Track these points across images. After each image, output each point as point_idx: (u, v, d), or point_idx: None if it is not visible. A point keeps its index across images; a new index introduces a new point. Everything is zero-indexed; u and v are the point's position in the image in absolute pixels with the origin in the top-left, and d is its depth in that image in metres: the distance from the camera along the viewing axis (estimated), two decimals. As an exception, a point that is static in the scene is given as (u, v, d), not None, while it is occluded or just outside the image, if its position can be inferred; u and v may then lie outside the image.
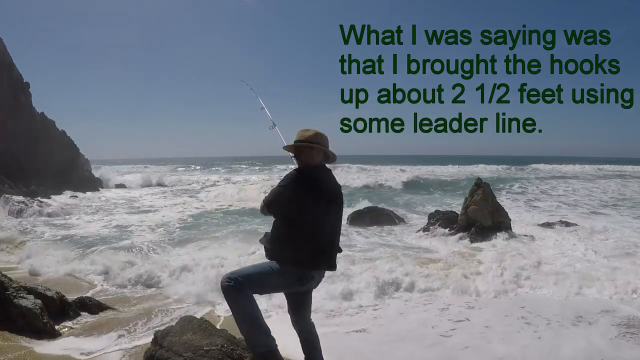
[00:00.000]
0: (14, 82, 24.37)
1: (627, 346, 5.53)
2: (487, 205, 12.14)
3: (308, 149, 2.89)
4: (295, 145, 2.93)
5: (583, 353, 5.36)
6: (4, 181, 19.42)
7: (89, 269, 8.53)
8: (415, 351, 5.50)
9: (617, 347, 5.50)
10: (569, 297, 7.27)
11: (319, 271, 2.92)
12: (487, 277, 8.08)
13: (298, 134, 2.97)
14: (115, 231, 13.09)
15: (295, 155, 2.96)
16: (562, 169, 47.44)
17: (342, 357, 3.21)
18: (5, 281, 5.42)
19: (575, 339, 5.78)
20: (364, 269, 8.19)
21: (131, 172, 45.16)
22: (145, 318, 6.12)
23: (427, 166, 51.35)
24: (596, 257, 9.44)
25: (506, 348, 5.55)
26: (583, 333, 5.95)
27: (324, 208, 2.83)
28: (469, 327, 6.25)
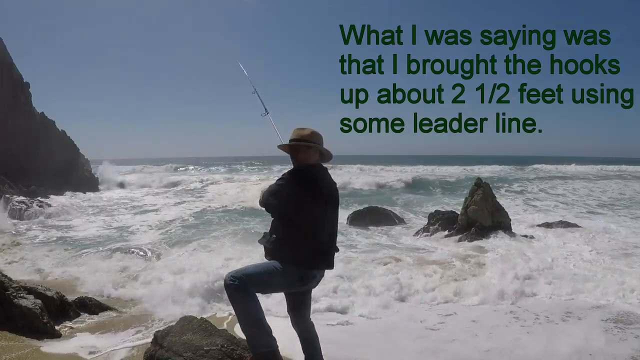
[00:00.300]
0: (14, 82, 24.36)
1: (614, 340, 5.61)
2: (487, 205, 12.15)
3: (305, 148, 2.86)
4: (292, 144, 2.91)
5: (572, 348, 5.42)
6: (4, 181, 19.41)
7: (88, 270, 8.52)
8: (400, 342, 5.60)
9: (607, 342, 5.58)
10: (562, 296, 7.32)
11: (319, 270, 2.92)
12: (487, 278, 8.09)
13: (294, 132, 2.94)
14: (115, 232, 13.09)
15: (291, 154, 2.93)
16: (562, 169, 47.43)
17: (326, 349, 3.22)
18: (5, 281, 5.42)
19: (564, 333, 5.88)
20: (361, 272, 8.18)
21: (131, 172, 45.18)
22: (145, 318, 6.13)
23: (427, 166, 51.36)
24: (594, 258, 9.45)
25: (493, 341, 5.64)
26: (572, 328, 6.05)
27: (322, 208, 2.83)
28: (457, 321, 6.37)
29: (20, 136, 23.24)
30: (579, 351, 5.32)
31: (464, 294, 7.40)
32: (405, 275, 8.01)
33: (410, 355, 5.32)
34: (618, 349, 5.38)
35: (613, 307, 6.79)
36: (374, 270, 8.30)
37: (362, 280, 7.70)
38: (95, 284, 7.71)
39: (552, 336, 5.82)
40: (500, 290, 7.40)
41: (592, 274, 8.25)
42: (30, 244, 11.13)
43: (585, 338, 5.67)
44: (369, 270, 8.34)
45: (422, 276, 8.02)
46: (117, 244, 11.07)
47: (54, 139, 25.88)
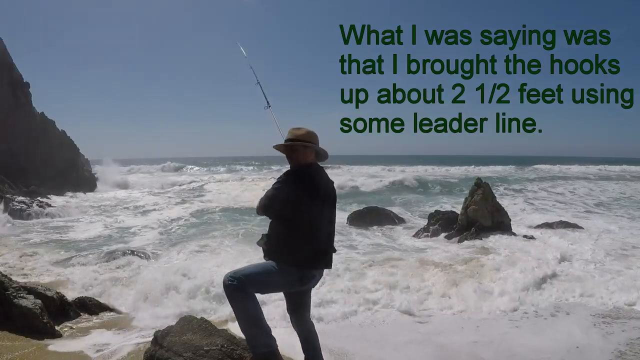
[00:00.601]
0: (14, 82, 24.36)
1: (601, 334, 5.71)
2: (487, 205, 12.14)
3: (302, 148, 2.86)
4: (288, 144, 2.90)
5: (558, 342, 5.49)
6: (4, 181, 19.41)
7: (87, 271, 8.51)
8: (387, 335, 5.73)
9: (594, 337, 5.69)
10: (553, 294, 7.35)
11: (318, 270, 2.92)
12: (487, 279, 8.08)
13: (290, 132, 2.94)
14: (115, 232, 13.08)
15: (287, 154, 2.92)
16: (562, 169, 47.46)
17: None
18: (5, 281, 5.42)
19: (552, 328, 5.98)
20: (358, 274, 8.15)
21: (131, 172, 45.17)
22: (145, 318, 6.11)
23: (427, 166, 51.34)
24: (593, 258, 9.44)
25: (480, 334, 5.74)
26: (560, 323, 6.15)
27: (321, 207, 2.84)
28: (446, 315, 6.50)
29: (20, 136, 23.25)
30: (566, 343, 5.44)
31: (461, 295, 7.38)
32: (403, 274, 7.99)
33: (397, 347, 5.43)
34: (605, 343, 5.47)
35: (603, 304, 6.88)
36: (373, 269, 8.29)
37: (360, 280, 7.69)
38: (95, 284, 7.70)
39: (540, 331, 5.92)
40: (501, 291, 7.40)
41: (588, 273, 8.26)
42: (30, 244, 11.12)
43: (573, 333, 5.76)
44: (368, 269, 8.32)
45: (420, 276, 8.01)
46: (116, 244, 11.07)
47: (54, 139, 25.88)
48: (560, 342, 5.47)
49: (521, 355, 5.17)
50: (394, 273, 8.09)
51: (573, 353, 5.18)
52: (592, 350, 5.23)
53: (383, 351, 5.31)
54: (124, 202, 21.27)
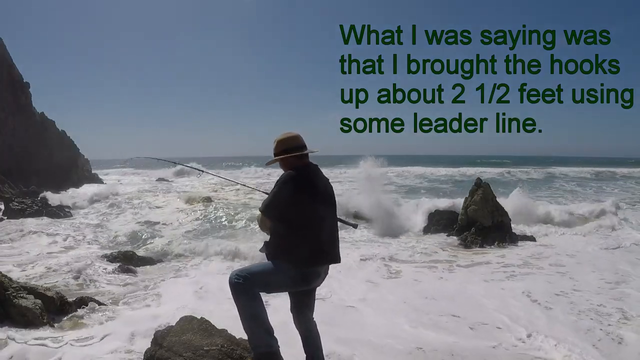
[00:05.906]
0: (14, 82, 24.36)
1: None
2: (487, 205, 12.13)
3: (290, 159, 2.91)
4: (277, 159, 2.95)
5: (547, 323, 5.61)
6: (4, 181, 19.41)
7: (87, 270, 8.50)
8: (374, 315, 5.83)
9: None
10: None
11: (323, 268, 2.92)
12: (486, 279, 8.08)
13: (280, 144, 2.95)
14: (114, 232, 13.07)
15: (280, 166, 2.98)
16: (562, 169, 47.43)
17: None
18: (5, 281, 5.42)
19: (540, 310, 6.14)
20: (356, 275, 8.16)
21: (131, 172, 45.13)
22: (145, 318, 6.11)
23: (426, 166, 51.31)
24: (593, 258, 9.43)
25: (471, 315, 5.91)
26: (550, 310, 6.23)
27: (321, 206, 2.84)
28: (438, 301, 6.60)
29: (20, 136, 23.24)
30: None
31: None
32: (401, 273, 8.00)
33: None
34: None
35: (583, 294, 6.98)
36: (371, 267, 8.29)
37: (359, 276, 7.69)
38: (95, 284, 7.70)
39: (531, 312, 6.09)
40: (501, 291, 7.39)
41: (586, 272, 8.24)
42: (29, 244, 11.11)
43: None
44: (367, 269, 8.33)
45: (414, 272, 8.02)
46: (116, 244, 11.06)
47: (54, 139, 25.89)
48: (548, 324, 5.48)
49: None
50: (393, 273, 8.09)
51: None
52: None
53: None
54: (123, 202, 21.16)
